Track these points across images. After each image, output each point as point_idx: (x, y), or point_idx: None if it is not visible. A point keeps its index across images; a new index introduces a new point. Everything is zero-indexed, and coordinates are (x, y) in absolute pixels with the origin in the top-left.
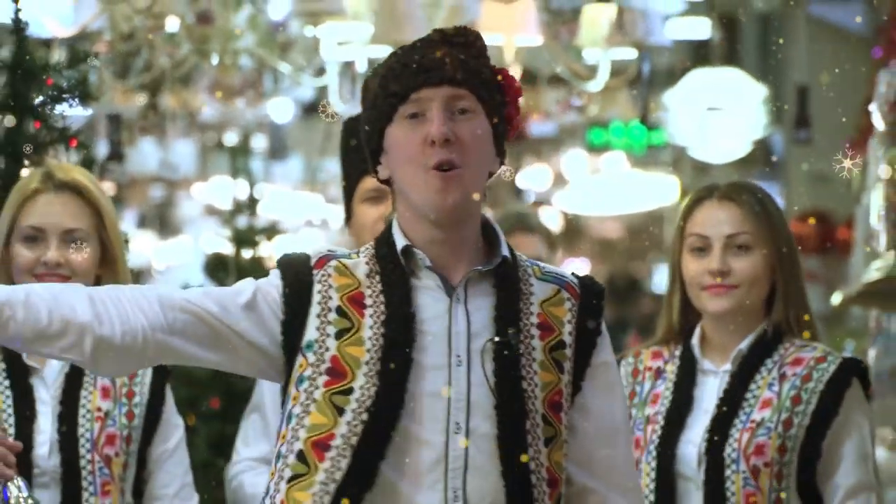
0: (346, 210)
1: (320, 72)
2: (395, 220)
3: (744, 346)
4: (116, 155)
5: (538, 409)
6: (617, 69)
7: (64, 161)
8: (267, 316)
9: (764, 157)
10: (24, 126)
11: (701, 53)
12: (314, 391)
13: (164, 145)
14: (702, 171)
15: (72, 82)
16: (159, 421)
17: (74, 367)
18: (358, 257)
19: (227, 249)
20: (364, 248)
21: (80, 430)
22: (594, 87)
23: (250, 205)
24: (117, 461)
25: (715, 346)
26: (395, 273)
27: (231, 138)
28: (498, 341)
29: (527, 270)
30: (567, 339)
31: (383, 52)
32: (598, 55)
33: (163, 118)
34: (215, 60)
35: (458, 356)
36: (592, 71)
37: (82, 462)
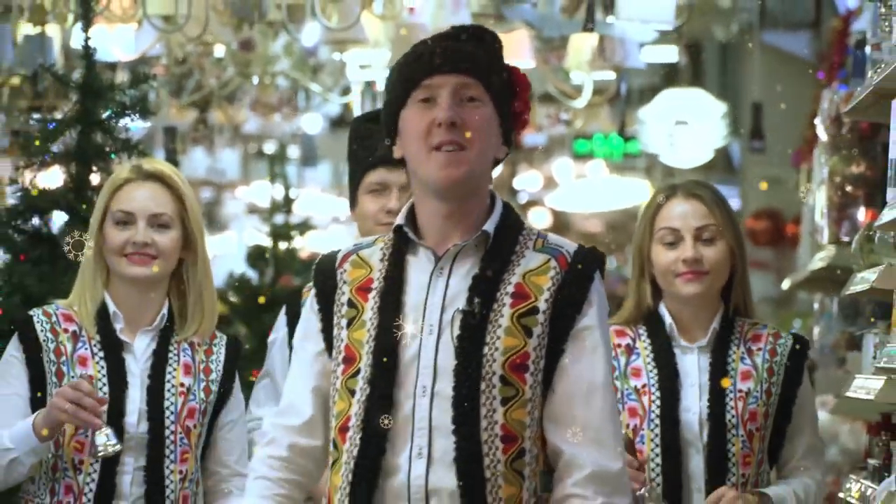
0: (352, 199)
1: (346, 91)
2: (409, 201)
3: (716, 324)
4: (171, 162)
5: (496, 371)
6: (598, 89)
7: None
8: (317, 337)
9: (724, 164)
10: (93, 137)
11: (670, 76)
12: (336, 381)
13: (212, 154)
14: (671, 176)
15: (133, 100)
16: (230, 395)
17: (161, 344)
18: (381, 242)
19: (266, 242)
20: (388, 233)
21: (166, 404)
22: (579, 104)
23: (286, 204)
24: (195, 432)
25: (684, 326)
26: (393, 252)
27: (269, 147)
28: (464, 311)
29: (527, 244)
30: (542, 306)
31: None
32: (582, 77)
33: (211, 130)
34: (256, 81)
35: (431, 325)
36: (577, 90)
37: (166, 432)
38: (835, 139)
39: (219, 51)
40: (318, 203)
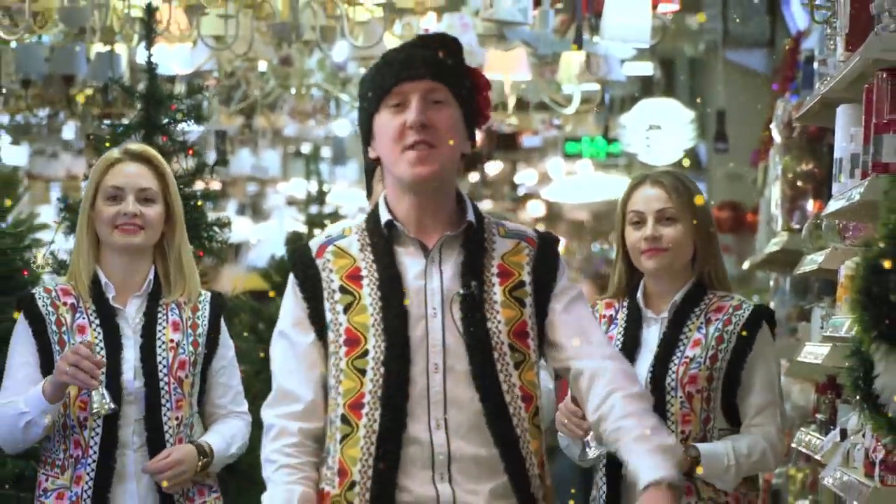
0: (367, 187)
1: None
2: (382, 198)
3: (678, 297)
4: (222, 161)
5: (504, 341)
6: (586, 98)
7: (183, 165)
8: (307, 324)
9: (693, 162)
10: (155, 139)
11: (647, 87)
12: (339, 362)
13: (256, 154)
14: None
15: (189, 108)
16: (217, 346)
17: (150, 307)
18: (351, 234)
19: (303, 229)
20: (354, 226)
21: (158, 359)
22: (569, 111)
23: (319, 197)
24: (187, 381)
25: (653, 298)
26: (381, 244)
27: (305, 148)
28: (463, 293)
29: (493, 231)
30: (526, 279)
31: None
32: (572, 88)
33: (255, 134)
34: (294, 92)
35: (434, 308)
36: (568, 100)
37: (161, 384)
38: (787, 141)
39: (262, 66)
40: (347, 196)
